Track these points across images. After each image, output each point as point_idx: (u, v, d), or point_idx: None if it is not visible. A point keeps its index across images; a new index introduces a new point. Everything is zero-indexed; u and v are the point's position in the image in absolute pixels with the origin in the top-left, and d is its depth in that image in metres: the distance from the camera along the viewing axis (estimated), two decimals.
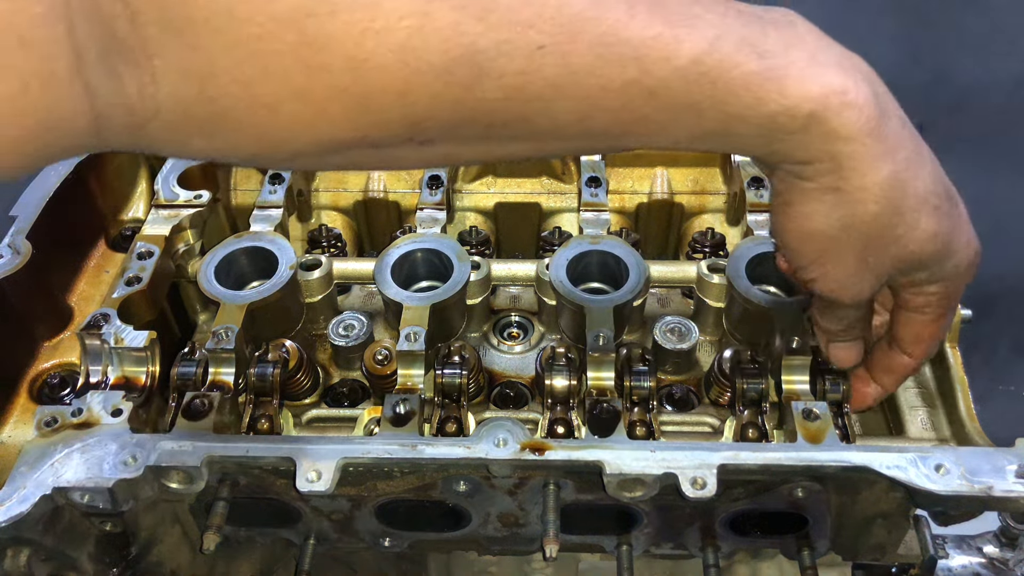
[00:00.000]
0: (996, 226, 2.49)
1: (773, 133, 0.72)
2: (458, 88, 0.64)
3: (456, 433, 1.07)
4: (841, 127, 0.72)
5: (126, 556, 1.09)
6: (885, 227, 0.78)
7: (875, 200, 0.76)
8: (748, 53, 0.69)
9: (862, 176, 0.75)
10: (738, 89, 0.69)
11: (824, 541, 1.08)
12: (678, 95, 0.69)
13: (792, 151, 0.74)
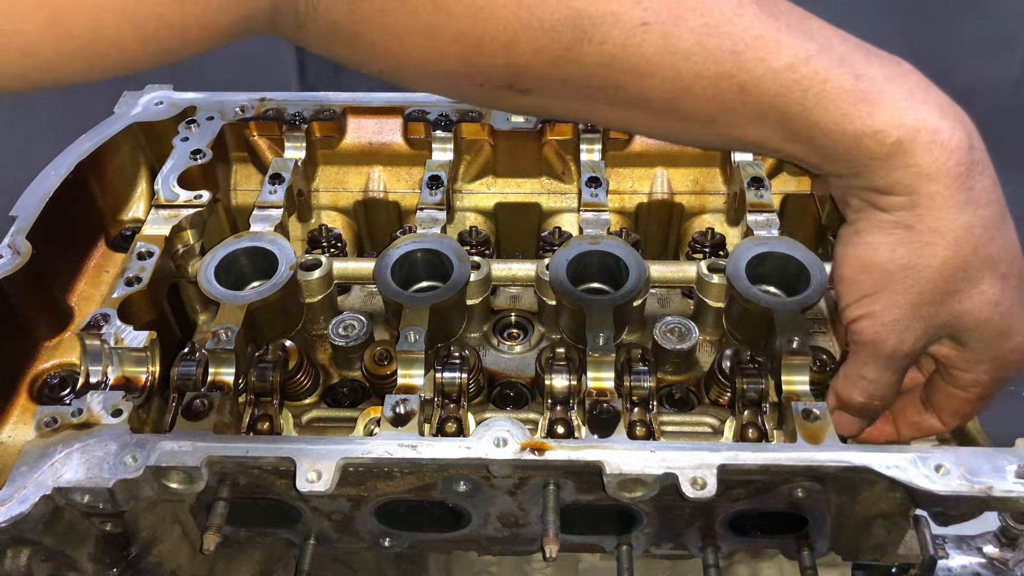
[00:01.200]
0: None
1: (858, 155, 0.73)
2: (559, 47, 0.70)
3: (456, 433, 1.07)
4: (927, 164, 0.72)
5: (126, 556, 1.09)
6: (947, 278, 0.77)
7: (944, 246, 0.76)
8: (845, 72, 0.72)
9: (937, 219, 0.75)
10: (827, 102, 0.71)
11: (824, 541, 1.08)
12: (767, 96, 0.71)
13: (873, 177, 0.75)
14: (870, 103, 0.71)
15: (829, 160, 0.76)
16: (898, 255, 0.78)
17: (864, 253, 0.80)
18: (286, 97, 1.48)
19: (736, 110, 0.73)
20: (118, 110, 1.45)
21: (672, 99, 0.73)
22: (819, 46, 0.72)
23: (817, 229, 1.46)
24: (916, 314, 0.81)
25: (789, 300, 1.13)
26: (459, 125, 1.44)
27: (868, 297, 0.82)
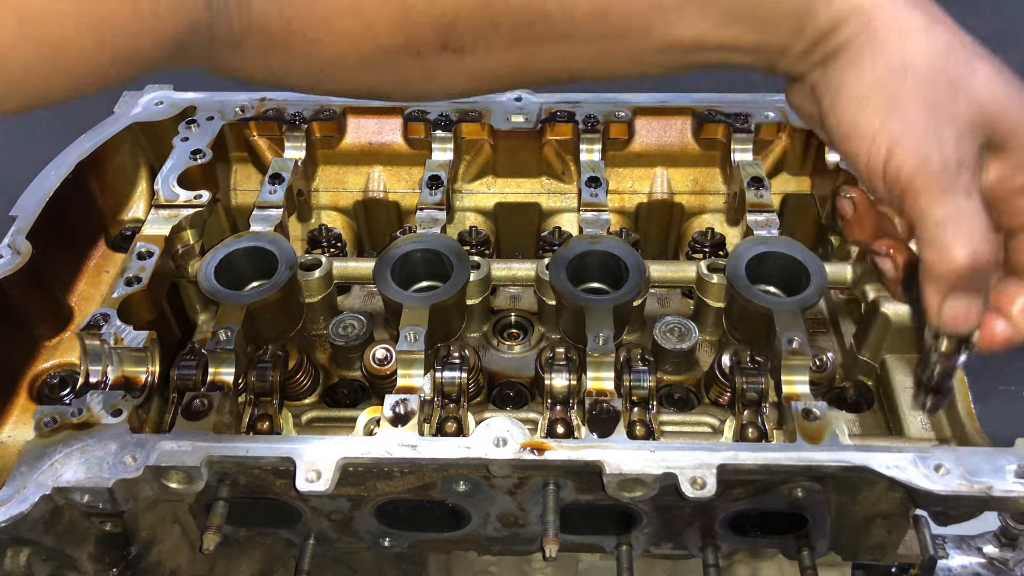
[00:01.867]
0: None
1: (795, 4, 0.75)
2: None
3: (456, 433, 1.07)
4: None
5: (126, 556, 1.09)
6: (941, 68, 0.73)
7: (918, 40, 0.73)
8: None
9: (897, 20, 0.74)
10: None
11: (824, 541, 1.09)
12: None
13: (819, 22, 0.75)
14: None
15: (772, 29, 0.76)
16: (882, 72, 0.74)
17: (853, 92, 0.75)
18: (286, 97, 1.48)
19: (665, 4, 0.75)
20: (118, 110, 1.45)
21: (601, 14, 0.74)
22: None
23: (817, 229, 1.46)
24: (937, 115, 0.73)
25: (789, 300, 1.14)
26: (459, 125, 1.44)
27: (883, 127, 0.74)
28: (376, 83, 0.81)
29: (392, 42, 0.75)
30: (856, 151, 0.76)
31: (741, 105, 1.44)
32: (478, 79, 0.82)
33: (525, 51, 0.77)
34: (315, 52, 0.75)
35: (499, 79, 0.82)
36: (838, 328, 1.29)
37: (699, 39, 0.77)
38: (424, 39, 0.75)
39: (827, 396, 1.18)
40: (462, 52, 0.76)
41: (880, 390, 1.18)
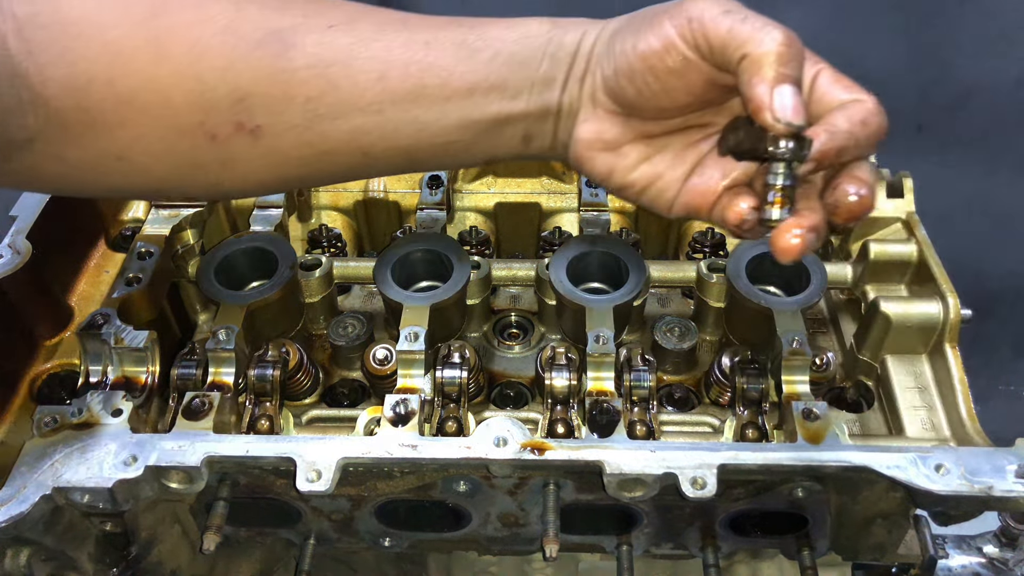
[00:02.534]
0: (996, 226, 2.49)
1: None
2: (270, 58, 0.76)
3: (456, 433, 1.07)
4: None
5: (126, 556, 1.09)
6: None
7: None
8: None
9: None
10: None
11: (824, 541, 1.08)
12: (448, 42, 0.80)
13: (565, 43, 0.81)
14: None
15: (534, 66, 0.81)
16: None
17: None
18: None
19: (433, 62, 0.79)
20: None
21: (381, 77, 0.78)
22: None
23: None
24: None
25: (789, 300, 1.13)
26: None
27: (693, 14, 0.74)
28: (172, 172, 0.80)
29: (189, 120, 0.76)
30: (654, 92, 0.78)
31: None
32: (277, 166, 0.81)
33: (320, 129, 0.79)
34: (113, 136, 0.76)
35: (299, 165, 0.81)
36: (838, 328, 1.29)
37: (473, 87, 0.80)
38: (219, 116, 0.76)
39: (827, 396, 1.18)
40: (258, 133, 0.77)
41: (880, 390, 1.18)
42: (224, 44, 0.75)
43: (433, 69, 0.79)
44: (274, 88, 0.76)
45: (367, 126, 0.79)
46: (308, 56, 0.77)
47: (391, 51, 0.78)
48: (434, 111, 0.80)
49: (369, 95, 0.78)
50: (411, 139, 0.81)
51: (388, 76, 0.78)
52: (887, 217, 1.27)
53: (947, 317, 1.11)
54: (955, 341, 1.13)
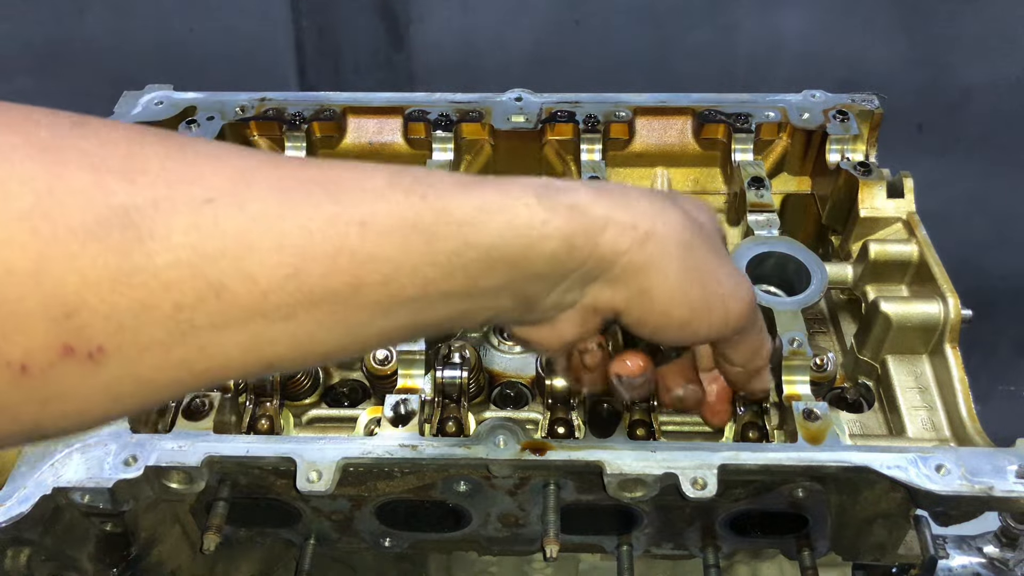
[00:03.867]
0: (996, 226, 2.49)
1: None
2: (113, 257, 0.48)
3: (456, 433, 1.07)
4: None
5: (126, 556, 1.09)
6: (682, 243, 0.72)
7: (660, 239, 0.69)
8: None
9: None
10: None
11: (824, 541, 1.08)
12: (395, 222, 0.58)
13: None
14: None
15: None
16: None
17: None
18: (286, 97, 1.48)
19: (375, 253, 0.57)
20: (118, 110, 1.45)
21: (294, 275, 0.54)
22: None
23: (817, 229, 1.46)
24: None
25: (789, 300, 1.13)
26: (459, 125, 1.44)
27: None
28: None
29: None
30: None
31: (741, 105, 1.44)
32: (131, 395, 0.53)
33: (198, 344, 0.52)
34: None
35: (167, 388, 0.54)
36: (838, 328, 1.29)
37: (425, 287, 0.59)
38: (32, 339, 0.47)
39: (828, 396, 1.18)
40: (99, 358, 0.49)
41: (881, 390, 1.18)
42: (33, 232, 0.46)
43: (373, 263, 0.55)
44: (122, 297, 0.49)
45: (271, 334, 0.55)
46: (175, 249, 0.50)
47: (310, 236, 0.53)
48: (371, 312, 0.57)
49: (275, 297, 0.53)
50: (333, 343, 0.58)
51: (305, 272, 0.53)
52: (887, 217, 1.27)
53: (947, 317, 1.11)
54: (956, 341, 1.13)
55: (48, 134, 0.50)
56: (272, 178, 0.55)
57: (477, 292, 0.60)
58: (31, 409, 0.50)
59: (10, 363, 0.48)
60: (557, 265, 0.62)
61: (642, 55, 2.22)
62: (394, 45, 2.24)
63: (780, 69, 2.21)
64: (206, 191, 0.52)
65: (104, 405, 0.53)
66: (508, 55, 2.23)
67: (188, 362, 0.53)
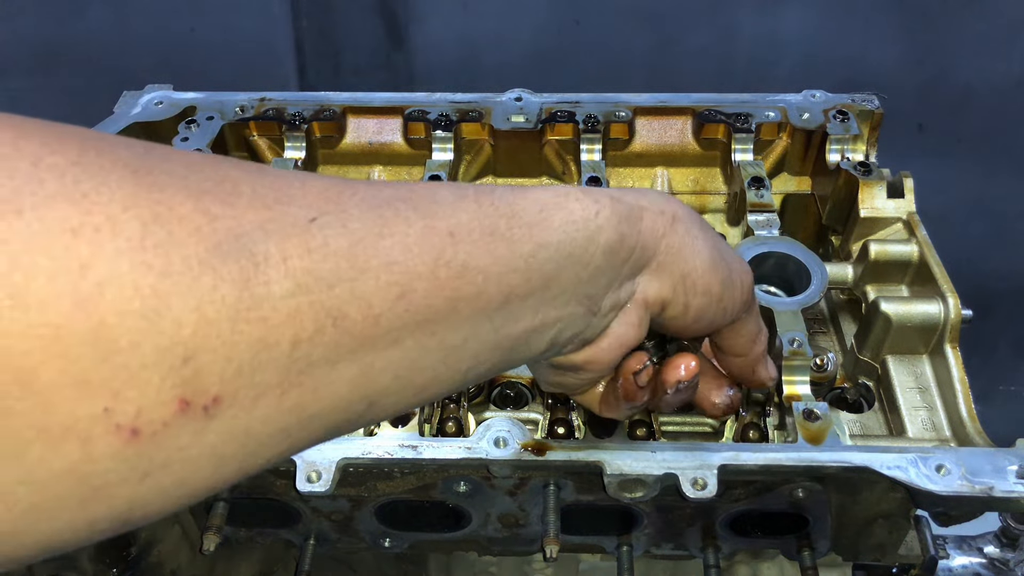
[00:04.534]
0: (996, 226, 2.49)
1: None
2: (228, 286, 0.42)
3: (456, 433, 1.07)
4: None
5: (126, 556, 1.09)
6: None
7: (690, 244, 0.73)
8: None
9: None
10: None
11: (825, 541, 1.08)
12: (477, 230, 0.57)
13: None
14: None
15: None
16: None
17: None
18: (286, 97, 1.48)
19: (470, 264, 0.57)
20: (118, 110, 1.45)
21: (401, 297, 0.51)
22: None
23: (818, 229, 1.46)
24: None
25: (789, 300, 1.13)
26: (459, 125, 1.44)
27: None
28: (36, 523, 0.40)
29: (83, 410, 0.38)
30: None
31: (741, 105, 1.44)
32: (235, 454, 0.46)
33: (312, 385, 0.47)
34: None
35: (266, 446, 0.47)
36: (839, 328, 1.29)
37: (510, 293, 0.58)
38: (145, 395, 0.39)
39: (828, 396, 1.18)
40: (216, 410, 0.43)
41: (881, 390, 1.18)
42: (146, 266, 0.40)
43: (467, 275, 0.54)
44: (241, 335, 0.43)
45: (379, 365, 0.51)
46: (293, 275, 0.45)
47: (410, 252, 0.51)
48: (464, 331, 0.55)
49: (386, 321, 0.50)
50: (430, 372, 0.55)
51: (411, 290, 0.51)
52: (888, 217, 1.27)
53: (948, 317, 1.11)
54: (956, 341, 1.13)
55: (129, 155, 0.43)
56: (356, 196, 0.52)
57: (550, 297, 0.60)
58: (128, 488, 0.41)
59: (120, 427, 0.39)
60: (612, 256, 0.63)
61: (642, 55, 2.21)
62: (394, 45, 2.24)
63: (780, 69, 2.21)
64: (306, 211, 0.48)
65: (207, 474, 0.45)
66: (508, 55, 2.23)
67: (299, 407, 0.48)
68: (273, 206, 0.46)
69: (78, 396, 0.38)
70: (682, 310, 0.70)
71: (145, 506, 0.43)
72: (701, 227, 0.70)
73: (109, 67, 2.22)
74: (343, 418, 0.52)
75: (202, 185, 0.44)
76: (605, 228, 0.61)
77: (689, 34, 2.18)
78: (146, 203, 0.41)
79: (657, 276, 0.67)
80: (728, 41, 2.19)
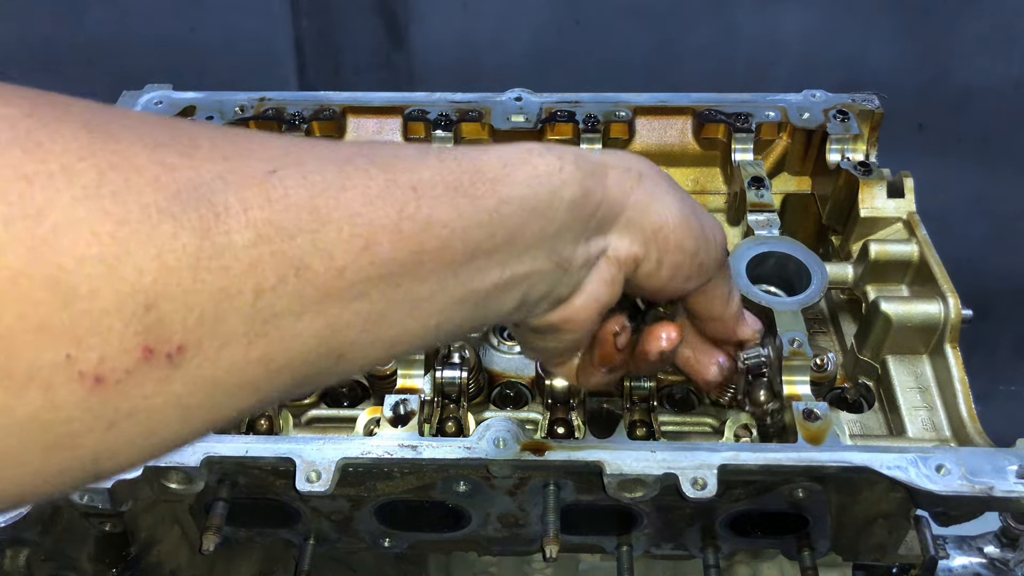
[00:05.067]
0: (996, 226, 2.49)
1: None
2: (189, 233, 0.43)
3: (456, 433, 1.07)
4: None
5: (126, 556, 1.09)
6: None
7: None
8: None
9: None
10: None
11: (825, 541, 1.08)
12: (440, 185, 0.58)
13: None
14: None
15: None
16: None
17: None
18: (286, 97, 1.48)
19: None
20: None
21: (363, 247, 0.52)
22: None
23: (818, 229, 1.46)
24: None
25: (789, 300, 1.13)
26: (459, 125, 1.44)
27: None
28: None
29: (44, 358, 0.38)
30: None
31: (741, 105, 1.44)
32: (202, 404, 0.46)
33: (278, 336, 0.47)
34: None
35: (235, 397, 0.48)
36: (839, 328, 1.29)
37: (477, 247, 0.59)
38: (108, 342, 0.39)
39: (828, 396, 1.18)
40: (178, 359, 0.43)
41: (881, 390, 1.18)
42: (104, 212, 0.40)
43: (431, 228, 0.55)
44: (203, 284, 0.43)
45: (346, 317, 0.51)
46: (254, 225, 0.45)
47: (372, 205, 0.52)
48: (430, 285, 0.56)
49: (350, 274, 0.50)
50: (399, 326, 0.56)
51: (375, 243, 0.52)
52: (888, 217, 1.27)
53: (948, 317, 1.11)
54: (956, 341, 1.13)
55: (83, 109, 0.43)
56: (317, 151, 0.52)
57: (516, 252, 0.61)
58: (94, 437, 0.42)
59: (83, 374, 0.39)
60: (577, 210, 0.63)
61: (642, 55, 2.21)
62: (394, 45, 2.24)
63: (780, 69, 2.21)
64: (266, 163, 0.48)
65: (174, 425, 0.45)
66: (508, 55, 2.23)
67: (266, 359, 0.48)
68: (232, 158, 0.47)
69: (39, 342, 0.38)
70: (655, 267, 0.69)
71: (113, 456, 0.43)
72: (670, 184, 0.71)
73: (109, 67, 2.22)
74: (312, 371, 0.52)
75: (159, 138, 0.44)
76: (569, 183, 0.62)
77: (689, 34, 2.18)
78: (102, 153, 0.41)
79: (628, 232, 0.67)
80: (728, 41, 2.19)
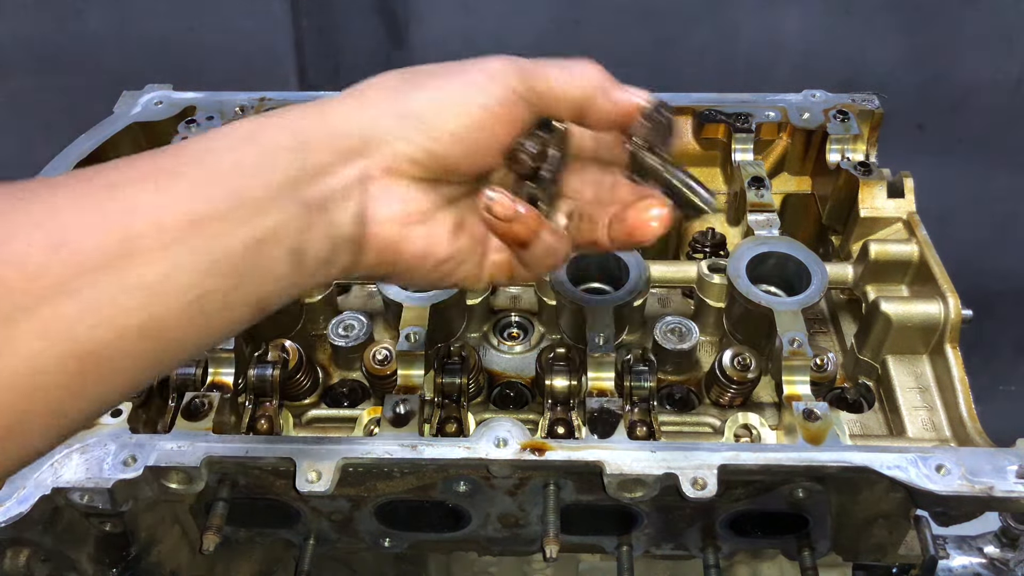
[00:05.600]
0: (996, 226, 2.49)
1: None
2: None
3: (456, 433, 1.07)
4: None
5: (126, 556, 1.09)
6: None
7: None
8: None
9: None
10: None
11: (825, 541, 1.08)
12: (137, 176, 0.59)
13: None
14: None
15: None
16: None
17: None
18: (286, 97, 1.48)
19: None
20: (118, 110, 1.45)
21: (53, 247, 0.53)
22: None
23: (817, 229, 1.46)
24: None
25: (789, 300, 1.13)
26: None
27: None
28: None
29: None
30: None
31: (742, 105, 1.44)
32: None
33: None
34: None
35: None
36: (839, 328, 1.29)
37: (198, 217, 0.59)
38: None
39: (828, 396, 1.18)
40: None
41: (881, 390, 1.18)
42: None
43: (137, 212, 0.54)
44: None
45: (66, 313, 0.51)
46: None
47: (59, 212, 0.52)
48: (160, 265, 0.55)
49: (52, 274, 0.51)
50: (143, 312, 0.54)
51: (68, 242, 0.52)
52: (888, 217, 1.27)
53: (948, 317, 1.11)
54: (956, 341, 1.13)
55: None
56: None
57: (252, 208, 0.60)
58: None
59: None
60: (300, 152, 0.64)
61: (642, 55, 2.21)
62: (394, 45, 2.24)
63: (780, 69, 2.20)
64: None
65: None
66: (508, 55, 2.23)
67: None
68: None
69: None
70: (431, 142, 0.68)
71: None
72: (401, 78, 0.71)
73: (109, 67, 2.22)
74: (51, 380, 0.52)
75: None
76: (298, 133, 0.64)
77: (689, 34, 2.18)
78: None
79: (383, 149, 0.67)
80: (728, 41, 2.19)
